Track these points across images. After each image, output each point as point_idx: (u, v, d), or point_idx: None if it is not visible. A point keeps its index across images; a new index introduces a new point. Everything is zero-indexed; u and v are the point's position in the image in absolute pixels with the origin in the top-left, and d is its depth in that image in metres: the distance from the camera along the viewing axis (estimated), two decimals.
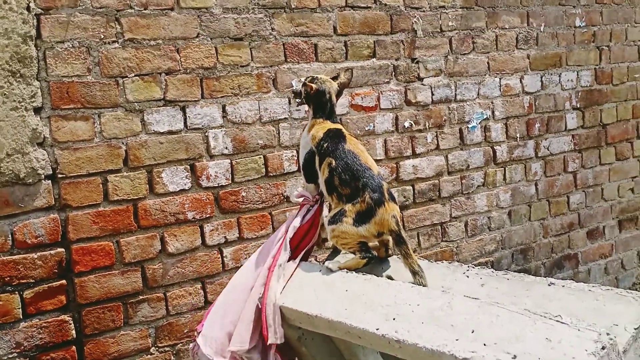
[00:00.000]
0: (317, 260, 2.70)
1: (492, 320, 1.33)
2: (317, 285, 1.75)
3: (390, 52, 2.93)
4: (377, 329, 1.52)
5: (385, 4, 2.90)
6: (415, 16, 2.99)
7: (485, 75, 3.27)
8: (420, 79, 3.04)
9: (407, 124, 2.99)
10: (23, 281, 2.13)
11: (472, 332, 1.34)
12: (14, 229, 2.11)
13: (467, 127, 3.22)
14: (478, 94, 3.25)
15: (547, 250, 3.60)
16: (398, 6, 2.93)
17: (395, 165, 2.98)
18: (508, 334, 1.27)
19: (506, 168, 3.39)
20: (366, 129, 2.87)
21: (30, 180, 2.12)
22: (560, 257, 3.66)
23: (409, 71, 2.99)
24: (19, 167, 2.09)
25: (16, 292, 2.12)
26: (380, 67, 2.91)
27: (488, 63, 3.28)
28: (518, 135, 3.41)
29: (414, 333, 1.44)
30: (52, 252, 2.18)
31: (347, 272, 1.74)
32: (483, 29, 3.24)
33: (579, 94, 3.67)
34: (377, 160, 2.85)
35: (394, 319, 1.52)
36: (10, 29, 2.05)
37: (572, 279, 3.66)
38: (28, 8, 2.08)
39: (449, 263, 1.79)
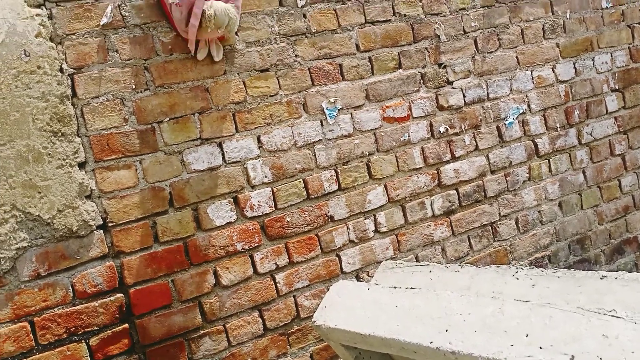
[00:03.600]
0: (369, 275, 2.64)
1: (546, 322, 1.24)
2: (366, 303, 1.68)
3: (416, 60, 2.86)
4: (431, 342, 1.45)
5: (405, 15, 2.83)
6: (437, 22, 2.91)
7: (515, 70, 3.15)
8: (450, 82, 2.95)
9: (442, 129, 2.90)
10: (88, 329, 2.14)
11: (527, 336, 1.25)
12: (73, 281, 2.12)
13: (504, 124, 3.10)
14: (511, 90, 3.13)
15: (604, 237, 3.41)
16: (417, 15, 2.86)
17: (435, 171, 2.88)
18: (563, 335, 1.18)
19: (550, 159, 3.24)
20: (401, 139, 2.80)
21: (83, 233, 2.14)
22: (619, 242, 3.46)
23: (437, 77, 2.91)
24: (70, 221, 2.11)
25: (82, 341, 2.13)
26: (408, 77, 2.84)
27: (517, 57, 3.15)
28: (558, 125, 3.26)
29: (468, 343, 1.36)
30: (111, 298, 2.19)
31: (395, 288, 1.67)
32: (507, 25, 3.13)
33: (616, 75, 3.49)
34: (416, 169, 2.78)
35: (446, 331, 1.44)
36: (47, 92, 2.08)
37: (635, 263, 3.45)
38: (61, 69, 2.12)
39: (497, 267, 1.69)
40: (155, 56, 2.29)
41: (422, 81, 2.87)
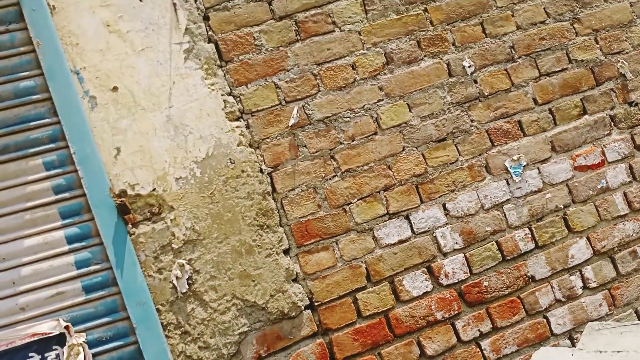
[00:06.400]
0: (574, 338, 2.39)
1: None
2: None
3: (601, 103, 2.63)
4: None
5: (582, 60, 2.65)
6: (619, 61, 2.67)
7: None
8: None
9: None
10: None
11: None
12: None
13: None
14: None
15: None
16: (596, 57, 2.66)
17: None
18: None
19: None
20: (598, 187, 2.55)
21: (294, 314, 2.27)
22: None
23: (629, 116, 2.64)
24: (282, 304, 2.26)
25: None
26: (596, 122, 2.61)
27: None
28: None
29: None
30: None
31: (600, 352, 1.50)
32: None
33: None
34: (621, 216, 2.51)
35: None
36: (251, 191, 2.30)
37: None
38: (261, 170, 2.33)
39: None
40: (339, 145, 2.41)
41: (612, 123, 2.63)
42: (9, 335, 2.02)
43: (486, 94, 2.55)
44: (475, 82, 2.56)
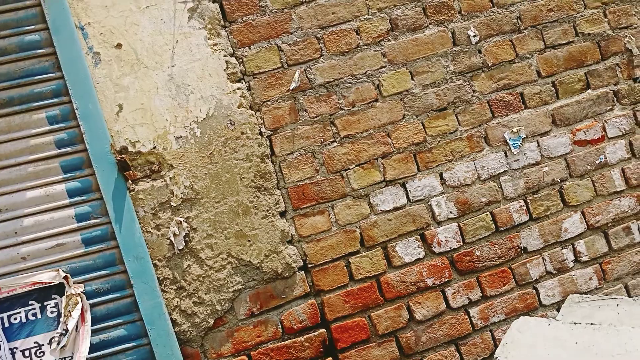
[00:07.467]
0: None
1: None
2: (547, 340, 1.55)
3: (605, 78, 2.59)
4: None
5: (589, 34, 2.59)
6: (627, 35, 2.61)
7: None
8: None
9: None
10: None
11: None
12: (282, 318, 2.28)
13: None
14: None
15: None
16: (604, 32, 2.60)
17: None
18: None
19: None
20: (597, 162, 2.53)
21: (287, 274, 2.30)
22: None
23: (633, 92, 2.59)
24: (276, 264, 2.28)
25: None
26: (598, 97, 2.57)
27: None
28: None
29: None
30: (315, 333, 2.30)
31: (575, 323, 1.52)
32: None
33: None
34: (617, 192, 2.50)
35: None
36: (250, 153, 2.30)
37: None
38: (260, 133, 2.33)
39: None
40: (339, 111, 2.40)
41: (615, 99, 2.59)
42: (10, 283, 2.07)
43: (490, 64, 2.52)
44: (480, 52, 2.52)
